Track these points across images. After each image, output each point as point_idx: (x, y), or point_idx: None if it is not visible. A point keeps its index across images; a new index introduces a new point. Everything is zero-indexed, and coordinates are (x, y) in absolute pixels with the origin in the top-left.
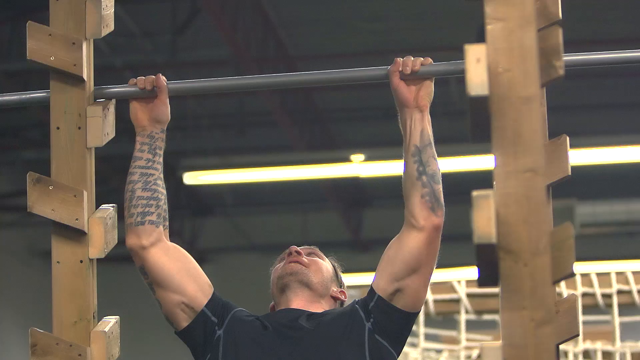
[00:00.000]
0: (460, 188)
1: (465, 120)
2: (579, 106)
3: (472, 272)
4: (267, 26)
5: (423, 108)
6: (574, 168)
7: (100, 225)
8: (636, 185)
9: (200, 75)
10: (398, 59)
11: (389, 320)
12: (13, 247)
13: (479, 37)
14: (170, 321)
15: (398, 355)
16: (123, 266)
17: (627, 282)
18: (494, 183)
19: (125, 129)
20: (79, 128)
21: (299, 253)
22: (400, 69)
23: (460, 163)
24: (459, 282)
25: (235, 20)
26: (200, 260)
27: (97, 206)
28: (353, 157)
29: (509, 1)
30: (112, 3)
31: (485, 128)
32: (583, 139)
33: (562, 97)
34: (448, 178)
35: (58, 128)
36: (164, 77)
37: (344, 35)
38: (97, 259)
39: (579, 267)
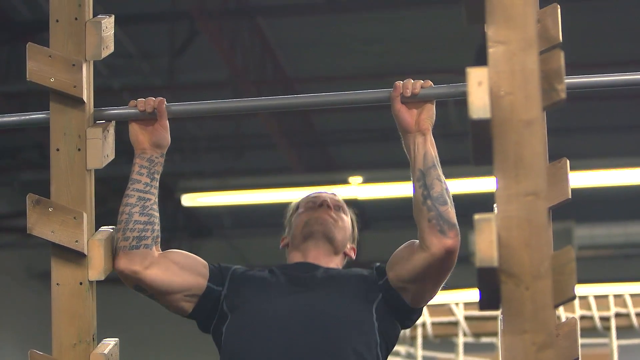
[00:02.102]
0: (459, 210)
1: (464, 143)
2: (578, 128)
3: (470, 294)
4: (265, 48)
5: (425, 131)
6: (572, 190)
7: (99, 248)
8: (634, 208)
9: (198, 97)
10: (398, 82)
11: (394, 302)
12: (11, 268)
13: (477, 59)
14: (177, 313)
15: (403, 327)
16: (123, 287)
17: (625, 305)
18: (496, 206)
19: (124, 150)
20: (79, 150)
21: (329, 207)
22: (400, 92)
23: (459, 185)
24: (457, 304)
25: (233, 43)
26: None
27: (96, 227)
28: (351, 179)
29: (511, 24)
30: (112, 25)
31: (487, 151)
32: (581, 161)
33: (560, 119)
34: None
35: (58, 150)
36: (164, 100)
37: (341, 57)
38: (97, 281)
39: (577, 290)
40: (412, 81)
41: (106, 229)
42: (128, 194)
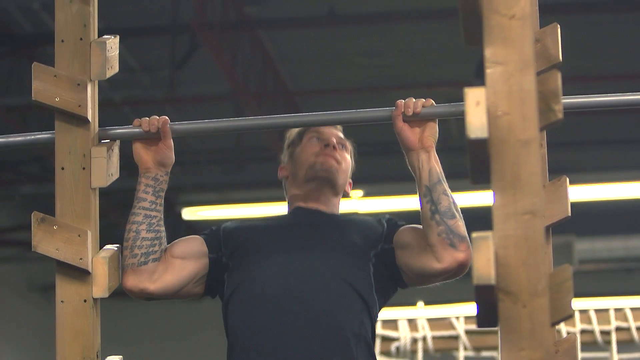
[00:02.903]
0: None
1: (464, 157)
2: (578, 143)
3: (470, 308)
4: (266, 61)
5: (429, 148)
6: (572, 204)
7: (104, 265)
8: (635, 222)
9: (199, 110)
10: (399, 101)
11: (392, 270)
12: (11, 281)
13: (478, 73)
14: (193, 299)
15: (400, 287)
16: (127, 303)
17: (625, 319)
18: (493, 225)
19: (126, 164)
20: (84, 168)
21: (335, 148)
22: (402, 111)
23: (462, 199)
24: (457, 318)
25: (234, 56)
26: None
27: (99, 241)
28: (352, 192)
29: (508, 45)
30: (117, 45)
31: (484, 170)
32: (581, 175)
33: (560, 134)
34: None
35: (63, 168)
36: (168, 119)
37: (342, 71)
38: (101, 298)
39: (578, 304)
40: (414, 100)
41: (111, 247)
42: (134, 212)
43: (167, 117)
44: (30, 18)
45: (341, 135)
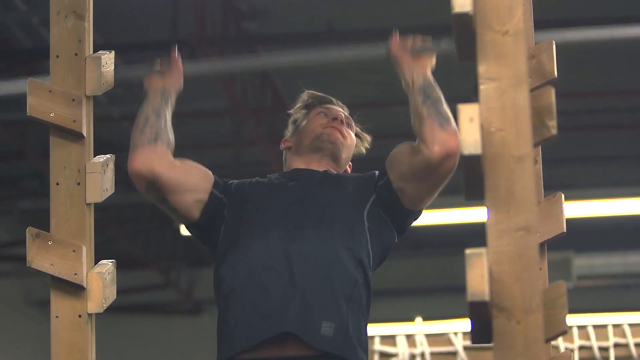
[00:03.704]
0: (458, 240)
1: (457, 173)
2: (575, 158)
3: (468, 324)
4: (264, 77)
5: (424, 67)
6: (570, 220)
7: (99, 281)
8: (633, 238)
9: (197, 125)
10: (396, 35)
11: (389, 202)
12: (9, 296)
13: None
14: (184, 220)
15: (399, 235)
16: (122, 318)
17: (624, 335)
18: (487, 241)
19: (122, 179)
20: (78, 184)
21: (342, 122)
22: (400, 45)
23: (455, 215)
24: (455, 334)
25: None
26: (196, 311)
27: (95, 256)
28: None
29: (502, 61)
30: (112, 60)
31: (478, 186)
32: (580, 191)
33: (558, 150)
34: (443, 230)
35: (57, 184)
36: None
37: (341, 87)
38: (96, 313)
39: (576, 320)
40: (412, 39)
41: (105, 262)
42: (143, 108)
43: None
44: (28, 33)
45: (348, 114)
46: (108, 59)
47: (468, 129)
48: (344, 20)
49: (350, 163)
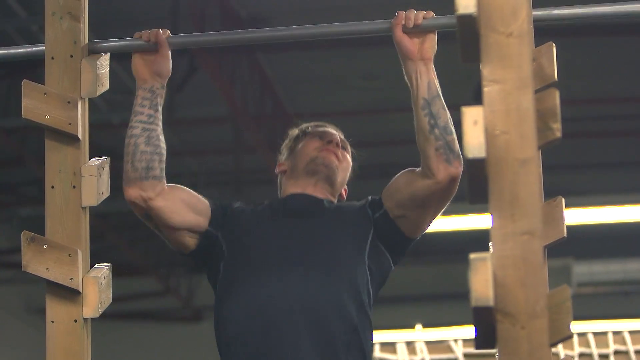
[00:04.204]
0: (457, 247)
1: (461, 180)
2: (575, 165)
3: (469, 331)
4: (264, 84)
5: (427, 60)
6: (570, 227)
7: (94, 285)
8: (632, 245)
9: (197, 132)
10: (400, 12)
11: (389, 234)
12: (9, 303)
13: (476, 96)
14: (178, 249)
15: (395, 263)
16: (118, 324)
17: (624, 342)
18: (491, 245)
19: (121, 185)
20: (74, 187)
21: (337, 145)
22: (402, 22)
23: (458, 222)
24: (455, 341)
25: (233, 78)
26: (196, 318)
27: (93, 263)
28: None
29: (506, 63)
30: (108, 62)
31: (482, 190)
32: (579, 198)
33: (557, 156)
34: (447, 237)
35: (53, 187)
36: (168, 31)
37: (340, 93)
38: (92, 318)
39: (576, 327)
40: (415, 12)
41: (101, 266)
42: (132, 126)
43: (165, 29)
44: (29, 40)
45: (343, 137)
46: (104, 60)
47: (472, 132)
48: None
49: (345, 187)
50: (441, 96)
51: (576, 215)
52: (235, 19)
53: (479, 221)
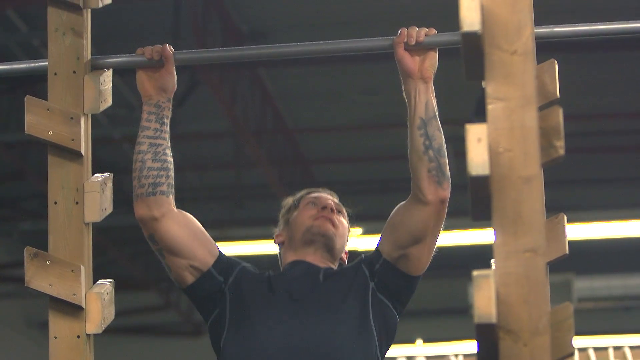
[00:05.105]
0: (458, 262)
1: (464, 195)
2: (576, 181)
3: (469, 346)
4: (265, 99)
5: (427, 79)
6: (571, 242)
7: (97, 301)
8: (633, 260)
9: (198, 146)
10: (403, 29)
11: (393, 281)
12: (10, 318)
13: (477, 111)
14: (177, 281)
15: (400, 314)
16: (120, 339)
17: (624, 358)
18: (494, 262)
19: (123, 200)
20: (77, 203)
21: (332, 211)
22: (404, 40)
23: (459, 237)
24: (456, 356)
25: (234, 93)
26: (197, 333)
27: (95, 278)
28: (351, 230)
29: (510, 81)
30: (110, 78)
31: (485, 207)
32: (580, 213)
33: (558, 172)
34: (447, 252)
35: (56, 203)
36: (171, 47)
37: (341, 108)
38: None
39: (577, 342)
40: (417, 29)
41: (104, 282)
42: (139, 142)
43: (168, 45)
44: (30, 54)
45: (338, 202)
46: (106, 76)
47: (476, 149)
48: None
49: (346, 251)
50: (438, 117)
51: (577, 231)
52: (236, 33)
53: (480, 236)
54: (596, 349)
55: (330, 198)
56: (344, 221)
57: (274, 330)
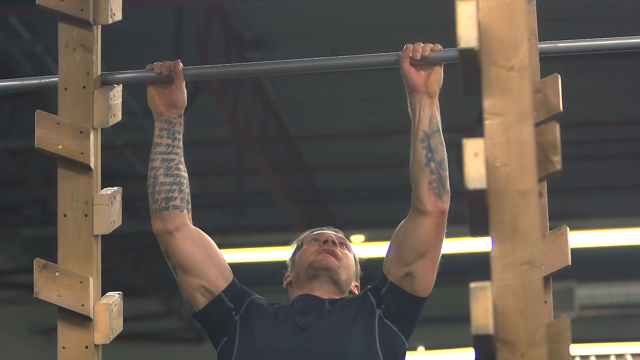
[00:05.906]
0: (460, 269)
1: (462, 205)
2: (578, 189)
3: (469, 354)
4: (267, 106)
5: (432, 94)
6: (573, 250)
7: (105, 312)
8: (635, 268)
9: (200, 154)
10: (409, 45)
11: (400, 305)
12: (12, 324)
13: (480, 119)
14: (189, 303)
15: (407, 339)
16: (127, 347)
17: None
18: (492, 274)
19: (125, 208)
20: (86, 215)
21: (334, 244)
22: (410, 54)
23: (459, 245)
24: None
25: (236, 100)
26: (198, 340)
27: (101, 283)
28: (353, 237)
29: (507, 96)
30: (120, 94)
31: (483, 221)
32: (583, 221)
33: (561, 180)
34: (448, 260)
35: (65, 215)
36: (181, 64)
37: (343, 115)
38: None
39: (579, 350)
40: (422, 44)
41: (112, 294)
42: (152, 158)
43: (178, 60)
44: (32, 61)
45: (342, 235)
46: (116, 91)
47: (473, 163)
48: (348, 49)
49: (357, 283)
50: (441, 131)
51: (579, 239)
52: (239, 40)
53: (481, 244)
54: (598, 357)
55: (332, 233)
56: (348, 254)
57: (282, 359)
